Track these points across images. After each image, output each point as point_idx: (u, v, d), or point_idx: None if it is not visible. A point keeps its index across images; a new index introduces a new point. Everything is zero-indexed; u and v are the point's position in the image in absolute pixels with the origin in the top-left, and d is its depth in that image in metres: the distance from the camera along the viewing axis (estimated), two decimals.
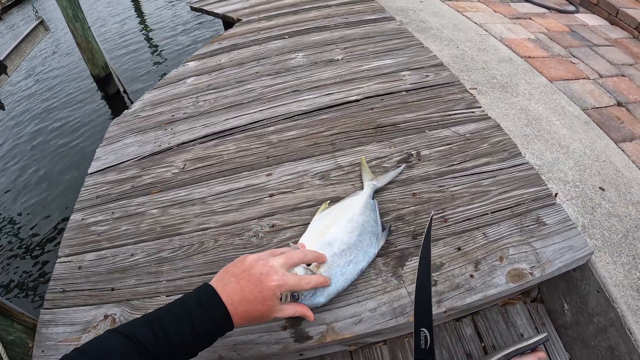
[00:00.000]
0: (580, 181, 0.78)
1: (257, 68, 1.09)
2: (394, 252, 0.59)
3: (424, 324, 0.41)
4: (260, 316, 0.40)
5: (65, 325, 0.59)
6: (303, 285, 0.43)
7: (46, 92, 3.62)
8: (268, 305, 0.40)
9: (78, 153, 2.71)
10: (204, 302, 0.38)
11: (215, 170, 0.79)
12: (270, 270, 0.40)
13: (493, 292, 0.54)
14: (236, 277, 0.40)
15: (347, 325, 0.51)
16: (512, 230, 0.61)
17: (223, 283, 0.40)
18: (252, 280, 0.39)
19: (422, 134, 0.78)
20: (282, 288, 0.40)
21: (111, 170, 0.87)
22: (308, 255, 0.47)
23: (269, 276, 0.40)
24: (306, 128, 0.84)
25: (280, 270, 0.41)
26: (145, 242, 0.68)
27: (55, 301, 0.63)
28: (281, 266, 0.42)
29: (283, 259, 0.43)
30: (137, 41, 4.29)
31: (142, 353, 0.34)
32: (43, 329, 0.59)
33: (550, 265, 0.56)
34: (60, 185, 2.47)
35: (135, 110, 1.04)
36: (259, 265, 0.41)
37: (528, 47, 1.25)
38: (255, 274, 0.40)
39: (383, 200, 0.66)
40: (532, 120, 0.91)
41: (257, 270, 0.40)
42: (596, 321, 0.61)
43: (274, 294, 0.40)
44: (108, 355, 0.33)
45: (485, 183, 0.68)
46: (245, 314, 0.39)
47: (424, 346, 0.40)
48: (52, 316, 0.61)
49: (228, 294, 0.39)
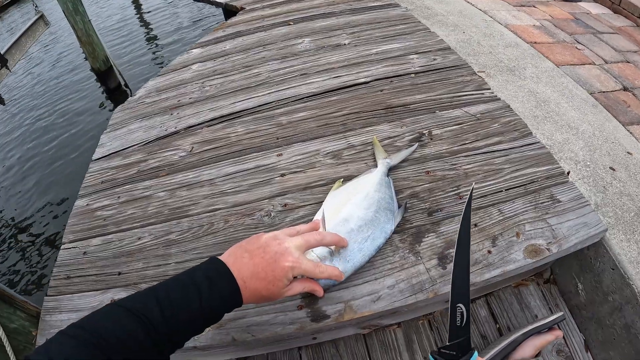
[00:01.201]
0: (591, 161, 0.77)
1: (263, 53, 1.08)
2: (410, 229, 0.58)
3: (461, 300, 0.39)
4: (268, 296, 0.39)
5: (69, 312, 0.57)
6: (317, 273, 0.41)
7: (46, 86, 3.58)
8: (278, 286, 0.38)
9: (79, 146, 2.68)
10: (214, 277, 0.37)
11: (223, 152, 0.77)
12: (286, 250, 0.39)
13: (511, 268, 0.53)
14: (250, 253, 0.39)
15: (365, 303, 0.50)
16: (527, 207, 0.60)
17: (235, 257, 0.38)
18: (266, 258, 0.38)
19: (433, 114, 0.78)
20: (295, 271, 0.39)
21: (116, 156, 0.85)
22: (327, 237, 0.44)
23: (284, 256, 0.38)
24: (316, 109, 0.83)
25: (295, 252, 0.39)
26: (152, 225, 0.67)
27: (60, 288, 0.61)
28: (297, 248, 0.40)
29: (300, 240, 0.41)
30: (137, 34, 4.25)
31: (147, 328, 0.32)
32: (47, 316, 0.57)
33: (567, 242, 0.56)
34: (61, 176, 2.44)
35: (140, 96, 1.03)
36: (274, 244, 0.39)
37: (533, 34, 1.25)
38: (270, 252, 0.38)
39: (397, 179, 0.65)
40: (540, 102, 0.90)
41: (272, 248, 0.39)
42: (611, 299, 0.61)
43: (285, 274, 0.38)
44: (109, 330, 0.30)
45: (497, 161, 0.67)
46: (254, 292, 0.38)
47: (460, 323, 0.38)
48: (56, 303, 0.59)
49: (239, 269, 0.37)
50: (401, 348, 0.64)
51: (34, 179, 2.49)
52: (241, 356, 0.66)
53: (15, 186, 2.50)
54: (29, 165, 2.64)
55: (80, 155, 2.59)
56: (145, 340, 0.31)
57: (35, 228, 2.14)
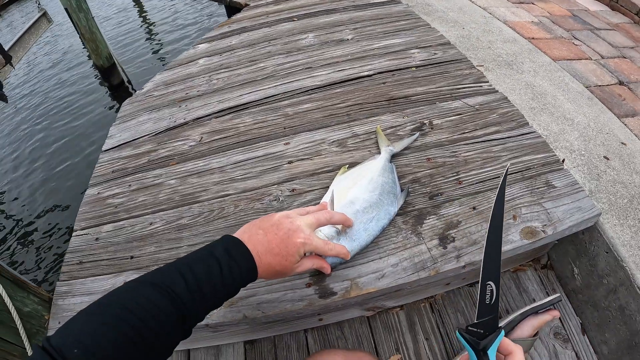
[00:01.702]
0: (586, 150, 0.80)
1: (269, 48, 1.11)
2: (412, 212, 0.60)
3: (491, 278, 0.38)
4: (281, 271, 0.41)
5: (82, 295, 0.59)
6: (326, 250, 0.43)
7: (49, 83, 3.60)
8: (290, 261, 0.40)
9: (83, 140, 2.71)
10: (233, 252, 0.38)
11: (232, 141, 0.80)
12: (298, 228, 0.41)
13: (508, 248, 0.56)
14: (264, 230, 0.41)
15: (370, 280, 0.53)
16: (524, 192, 0.63)
17: (250, 234, 0.40)
18: (279, 234, 0.40)
19: (433, 105, 0.80)
20: (306, 247, 0.41)
21: (127, 146, 0.87)
22: (335, 216, 0.46)
23: (296, 233, 0.41)
24: (321, 101, 0.86)
25: (307, 230, 0.42)
26: (164, 211, 0.69)
27: (72, 273, 0.62)
28: (308, 226, 0.42)
29: (311, 218, 0.43)
30: (139, 32, 4.28)
31: (175, 301, 0.32)
32: (59, 300, 0.59)
33: (561, 224, 0.58)
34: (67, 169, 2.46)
35: (148, 90, 1.05)
36: (287, 222, 0.41)
37: (531, 29, 1.27)
38: (283, 229, 0.41)
39: (399, 165, 0.67)
40: (537, 95, 0.93)
41: (285, 226, 0.41)
42: (606, 282, 0.63)
43: (297, 250, 0.40)
44: (137, 304, 0.30)
45: (495, 149, 0.70)
46: (268, 267, 0.39)
47: (489, 301, 0.37)
48: (68, 287, 0.60)
49: (254, 245, 0.39)
50: (404, 329, 0.67)
51: (40, 172, 2.52)
52: (249, 339, 0.68)
53: (23, 179, 2.52)
54: (36, 158, 2.66)
55: (84, 148, 2.61)
56: (172, 314, 0.32)
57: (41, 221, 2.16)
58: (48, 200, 2.29)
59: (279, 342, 0.68)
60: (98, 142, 1.58)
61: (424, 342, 0.65)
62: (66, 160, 2.57)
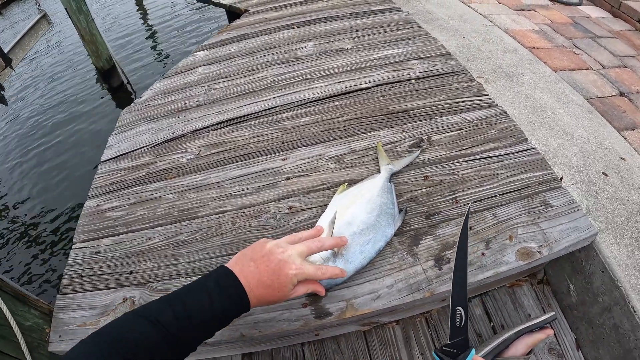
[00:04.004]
0: (584, 166, 0.80)
1: (268, 57, 1.10)
2: (408, 232, 0.61)
3: (459, 303, 0.43)
4: (275, 300, 0.42)
5: (82, 309, 0.59)
6: (319, 276, 0.44)
7: (49, 85, 3.59)
8: (283, 292, 0.41)
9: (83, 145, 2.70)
10: (224, 284, 0.39)
11: (230, 155, 0.80)
12: (289, 258, 0.41)
13: (504, 269, 0.56)
14: (255, 261, 0.41)
15: (365, 301, 0.53)
16: (521, 212, 0.63)
17: (241, 266, 0.41)
18: (270, 266, 0.40)
19: (432, 120, 0.80)
20: (298, 277, 0.41)
21: (125, 158, 0.87)
22: (326, 243, 0.47)
23: (287, 264, 0.41)
24: (319, 114, 0.86)
25: (298, 259, 0.42)
26: (162, 226, 0.69)
27: (72, 286, 0.63)
28: (299, 255, 0.43)
29: (302, 247, 0.44)
30: (139, 34, 4.25)
31: (162, 332, 0.34)
32: (60, 314, 0.59)
33: (557, 245, 0.58)
34: (66, 175, 2.46)
35: (147, 99, 1.05)
36: (278, 253, 0.42)
37: (532, 38, 1.27)
38: (273, 261, 0.41)
39: (397, 183, 0.67)
40: (537, 108, 0.93)
41: (275, 257, 0.41)
42: (601, 300, 0.63)
43: (289, 281, 0.41)
44: (123, 332, 0.33)
45: (493, 167, 0.70)
46: (261, 298, 0.40)
47: (459, 324, 0.42)
48: (68, 301, 0.61)
49: (246, 277, 0.40)
50: (399, 344, 0.67)
51: (39, 177, 2.51)
52: (246, 352, 0.69)
53: (21, 184, 2.52)
54: (34, 163, 2.65)
55: (84, 154, 2.60)
56: (161, 344, 0.34)
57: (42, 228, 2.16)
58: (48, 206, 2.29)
59: (276, 355, 0.68)
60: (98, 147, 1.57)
61: (420, 357, 0.66)
62: (64, 163, 2.56)
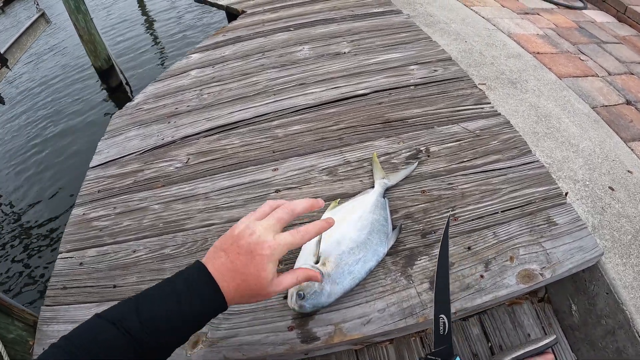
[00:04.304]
0: (590, 180, 0.77)
1: (262, 60, 1.07)
2: (403, 251, 0.57)
3: (443, 312, 0.43)
4: (257, 292, 0.37)
5: (66, 322, 0.58)
6: (299, 240, 0.38)
7: (47, 84, 3.58)
8: (263, 278, 0.36)
9: (79, 146, 2.68)
10: (193, 281, 0.35)
11: (219, 164, 0.77)
12: (259, 238, 0.36)
13: (503, 293, 0.53)
14: (225, 251, 0.36)
15: (355, 325, 0.50)
16: (523, 230, 0.59)
17: (213, 258, 0.36)
18: (241, 252, 0.36)
19: (431, 130, 0.77)
20: (275, 254, 0.36)
21: (113, 164, 0.85)
22: (298, 207, 0.40)
23: (259, 245, 0.36)
24: (313, 122, 0.83)
25: (269, 235, 0.37)
26: (147, 239, 0.67)
27: (57, 298, 0.62)
28: (270, 229, 0.37)
29: (271, 220, 0.38)
30: (138, 34, 4.24)
31: (128, 339, 0.31)
32: (44, 326, 0.58)
33: (561, 266, 0.55)
34: (61, 177, 2.44)
35: (138, 102, 1.02)
36: (246, 236, 0.36)
37: (537, 43, 1.23)
38: (244, 246, 0.36)
39: (392, 198, 0.64)
40: (541, 117, 0.89)
41: (245, 241, 0.36)
42: (604, 323, 0.61)
43: (265, 263, 0.36)
44: (91, 341, 0.32)
45: (495, 181, 0.67)
46: (240, 292, 0.36)
47: (443, 332, 0.41)
48: (53, 313, 0.60)
49: (218, 270, 0.35)
50: None
51: (32, 179, 2.50)
52: None
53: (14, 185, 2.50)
54: (28, 164, 2.64)
55: (77, 154, 2.58)
56: (127, 349, 0.31)
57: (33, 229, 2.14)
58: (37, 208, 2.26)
59: None
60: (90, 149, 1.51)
61: None
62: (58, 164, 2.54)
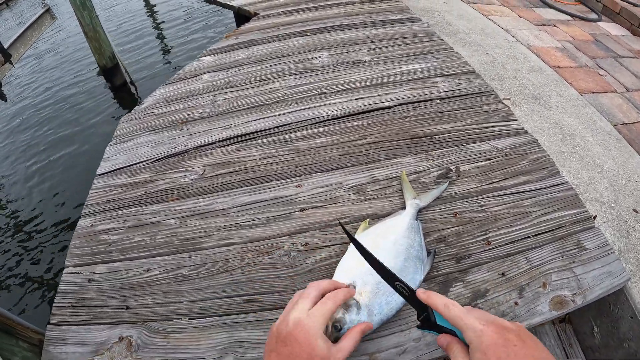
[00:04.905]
0: (615, 202, 0.76)
1: (279, 66, 1.03)
2: (437, 277, 0.55)
3: (392, 279, 0.42)
4: None
5: (75, 345, 0.54)
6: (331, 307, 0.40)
7: (50, 82, 3.44)
8: (317, 354, 0.36)
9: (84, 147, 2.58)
10: None
11: (238, 178, 0.73)
12: (295, 320, 0.38)
13: (537, 321, 0.52)
14: (273, 351, 0.38)
15: (390, 355, 0.48)
16: (554, 255, 0.58)
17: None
18: (287, 342, 0.37)
19: (460, 147, 0.75)
20: (316, 326, 0.38)
21: (122, 172, 0.80)
22: (339, 298, 0.43)
23: (297, 327, 0.37)
24: (337, 135, 0.79)
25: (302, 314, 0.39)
26: (162, 257, 0.63)
27: (64, 317, 0.58)
28: (301, 309, 0.39)
29: (299, 300, 0.40)
30: (144, 32, 4.11)
31: None
32: (51, 347, 0.54)
33: (591, 292, 0.54)
34: (63, 180, 2.34)
35: (148, 106, 0.97)
36: (283, 326, 0.38)
37: (556, 56, 1.22)
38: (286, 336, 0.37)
39: (424, 220, 0.62)
40: (566, 135, 0.88)
41: (285, 330, 0.38)
42: (627, 346, 0.60)
43: (314, 338, 0.37)
44: None
45: (526, 203, 0.65)
46: None
47: (407, 294, 0.40)
48: (60, 333, 0.55)
49: None
50: None
51: (35, 180, 2.39)
52: None
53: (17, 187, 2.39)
54: (31, 164, 2.53)
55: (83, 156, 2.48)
56: None
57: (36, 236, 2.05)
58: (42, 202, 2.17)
59: None
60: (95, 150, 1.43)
61: None
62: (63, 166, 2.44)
